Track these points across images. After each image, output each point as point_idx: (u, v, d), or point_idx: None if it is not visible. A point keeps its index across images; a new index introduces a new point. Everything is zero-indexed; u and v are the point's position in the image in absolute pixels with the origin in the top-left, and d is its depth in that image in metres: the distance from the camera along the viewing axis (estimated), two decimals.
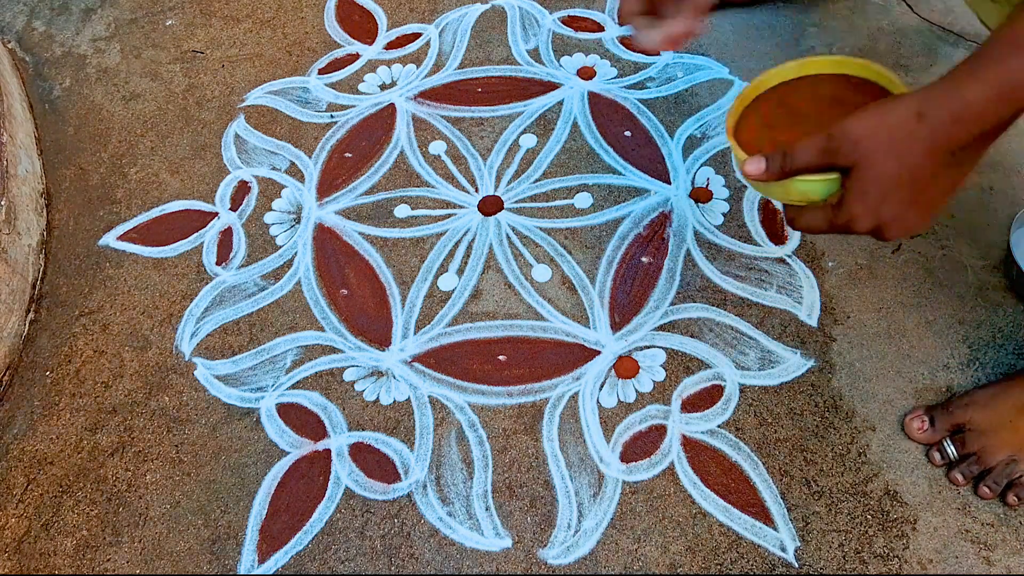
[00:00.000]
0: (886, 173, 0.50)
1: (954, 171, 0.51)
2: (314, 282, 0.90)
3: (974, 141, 0.49)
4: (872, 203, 0.51)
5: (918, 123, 0.49)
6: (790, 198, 0.57)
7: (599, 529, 0.71)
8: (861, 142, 0.50)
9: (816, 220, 0.55)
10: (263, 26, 1.17)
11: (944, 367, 0.78)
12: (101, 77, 1.14)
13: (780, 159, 0.54)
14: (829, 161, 0.52)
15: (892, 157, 0.49)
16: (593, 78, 1.05)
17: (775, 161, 0.55)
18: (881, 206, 0.51)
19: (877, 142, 0.50)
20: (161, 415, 0.82)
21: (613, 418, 0.77)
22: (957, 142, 0.49)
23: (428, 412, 0.79)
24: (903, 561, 0.68)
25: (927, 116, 0.48)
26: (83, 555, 0.75)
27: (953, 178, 0.51)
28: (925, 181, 0.50)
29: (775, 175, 0.55)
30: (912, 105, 0.49)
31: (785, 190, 0.56)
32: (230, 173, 1.01)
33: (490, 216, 0.93)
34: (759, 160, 0.55)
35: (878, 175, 0.50)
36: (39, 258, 0.95)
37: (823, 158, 0.52)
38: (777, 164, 0.54)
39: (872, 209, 0.52)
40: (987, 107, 0.47)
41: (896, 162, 0.49)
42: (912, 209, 0.52)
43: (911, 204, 0.51)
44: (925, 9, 1.05)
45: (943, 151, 0.49)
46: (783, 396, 0.77)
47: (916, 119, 0.49)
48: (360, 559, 0.72)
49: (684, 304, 0.84)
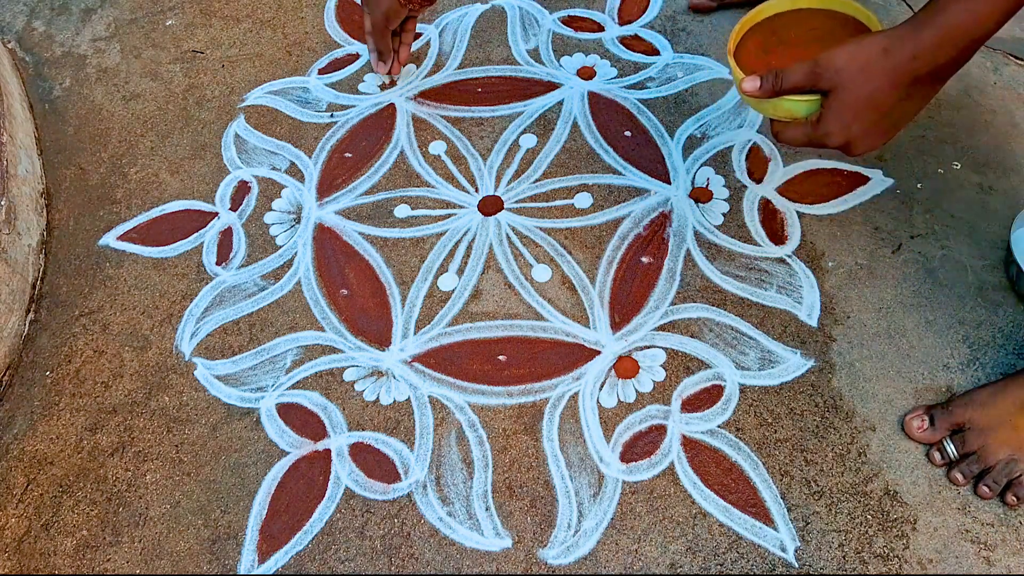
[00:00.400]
0: (858, 97, 0.60)
1: (910, 102, 0.61)
2: (314, 282, 0.90)
3: (927, 77, 0.59)
4: (845, 122, 0.62)
5: (885, 57, 0.59)
6: (777, 114, 0.68)
7: (599, 529, 0.71)
8: (840, 70, 0.60)
9: (797, 134, 0.67)
10: (263, 26, 1.17)
11: (944, 367, 0.78)
12: (101, 77, 1.14)
13: (772, 79, 0.64)
14: (813, 84, 0.62)
15: (863, 83, 0.60)
16: (593, 78, 1.05)
17: (768, 81, 0.65)
18: (851, 125, 0.62)
19: (852, 71, 0.60)
20: (161, 415, 0.82)
21: (613, 418, 0.77)
22: (914, 75, 0.59)
23: (428, 412, 0.79)
24: (903, 561, 0.68)
25: (892, 52, 0.59)
26: (83, 555, 0.75)
27: (910, 108, 0.62)
28: (888, 106, 0.61)
29: (768, 93, 0.65)
30: (881, 42, 0.59)
31: (774, 107, 0.67)
32: (230, 173, 1.01)
33: (490, 216, 0.93)
34: (755, 79, 0.65)
35: (852, 98, 0.61)
36: (39, 258, 0.95)
37: (808, 80, 0.62)
38: (770, 83, 0.65)
39: (844, 127, 0.62)
40: (936, 48, 0.58)
41: (866, 87, 0.60)
42: (875, 129, 0.63)
43: (874, 125, 0.62)
44: None
45: (903, 82, 0.59)
46: (783, 396, 0.77)
47: (883, 54, 0.59)
48: (360, 559, 0.72)
49: (684, 304, 0.84)
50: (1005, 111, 0.95)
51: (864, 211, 0.89)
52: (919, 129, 0.94)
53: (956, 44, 0.58)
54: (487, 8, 1.15)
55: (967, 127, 0.94)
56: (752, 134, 0.96)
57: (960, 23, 0.57)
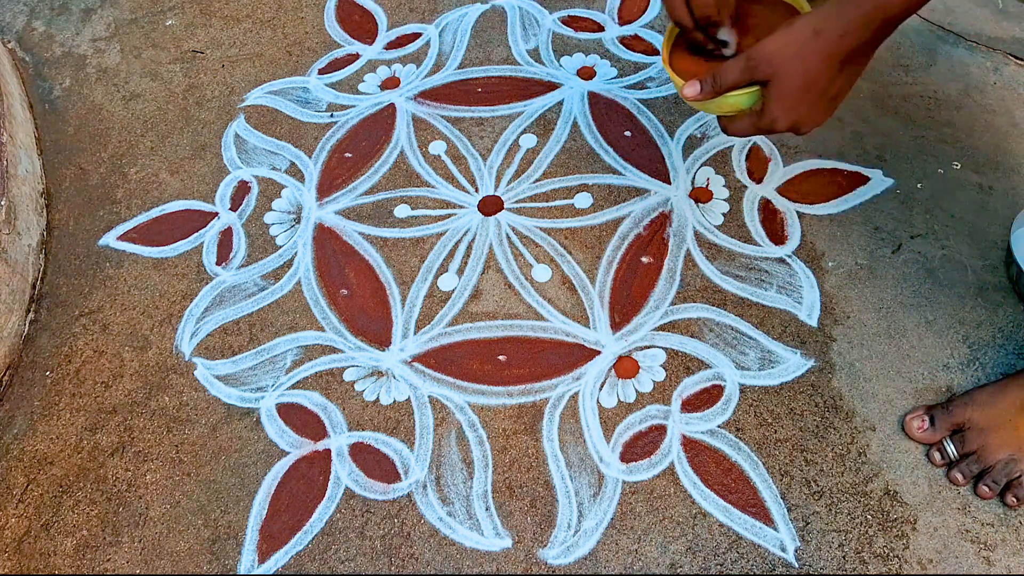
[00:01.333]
0: (795, 80, 0.62)
1: (844, 76, 0.63)
2: (314, 282, 0.90)
3: (857, 52, 0.61)
4: (787, 105, 0.63)
5: (816, 39, 0.60)
6: (723, 111, 0.69)
7: (599, 529, 0.71)
8: (773, 59, 0.62)
9: (744, 125, 0.67)
10: (263, 26, 1.17)
11: (944, 367, 0.78)
12: (101, 77, 1.14)
13: (711, 81, 0.66)
14: (750, 78, 0.63)
15: (798, 67, 0.61)
16: (593, 78, 1.05)
17: (707, 84, 0.66)
18: (794, 108, 0.63)
19: (786, 57, 0.61)
20: (161, 415, 0.82)
21: (613, 418, 0.77)
22: (845, 51, 0.60)
23: (428, 412, 0.79)
24: (903, 561, 0.68)
25: (821, 33, 0.60)
26: (83, 555, 0.75)
27: (847, 79, 0.64)
28: (825, 84, 0.62)
29: (709, 95, 0.66)
30: (810, 24, 0.61)
31: (718, 105, 0.68)
32: (230, 173, 1.01)
33: (490, 216, 0.93)
34: (694, 84, 0.67)
35: (790, 83, 0.62)
36: (39, 258, 0.95)
37: (745, 75, 0.64)
38: (709, 86, 0.66)
39: (788, 111, 0.64)
40: (862, 26, 0.59)
41: (801, 70, 0.61)
42: (817, 107, 0.64)
43: (816, 103, 0.64)
44: (925, 9, 1.05)
45: (835, 60, 0.61)
46: (783, 396, 0.77)
47: (814, 36, 0.60)
48: (360, 559, 0.72)
49: (684, 304, 0.84)
50: (1005, 111, 0.95)
51: (864, 211, 0.89)
52: (919, 129, 0.94)
53: (883, 19, 0.59)
54: (487, 8, 1.15)
55: (967, 127, 0.94)
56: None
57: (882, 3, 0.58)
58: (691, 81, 0.67)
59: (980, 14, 1.05)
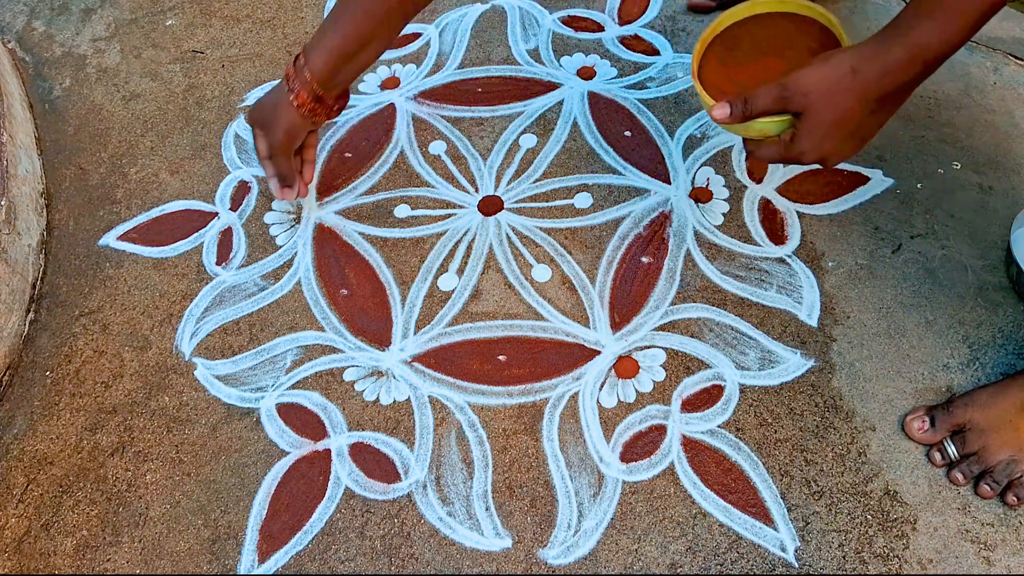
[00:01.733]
0: (829, 117, 0.62)
1: (879, 114, 0.63)
2: (314, 282, 0.90)
3: (894, 92, 0.61)
4: (817, 141, 0.63)
5: (853, 77, 0.60)
6: (750, 134, 0.68)
7: (599, 529, 0.71)
8: (809, 93, 0.61)
9: (771, 153, 0.67)
10: (263, 26, 1.17)
11: (944, 367, 0.78)
12: (101, 77, 1.14)
13: (742, 105, 0.65)
14: (782, 107, 0.63)
15: (833, 104, 0.61)
16: (593, 78, 1.05)
17: (737, 107, 0.65)
18: (824, 143, 0.63)
19: (821, 92, 0.61)
20: (161, 415, 0.82)
21: (613, 418, 0.77)
22: (882, 92, 0.60)
23: (428, 412, 0.79)
24: (903, 561, 0.68)
25: (859, 72, 0.60)
26: (83, 555, 0.75)
27: (879, 119, 0.64)
28: (857, 122, 0.62)
29: (737, 119, 0.65)
30: (849, 61, 0.60)
31: (745, 128, 0.67)
32: (230, 173, 1.01)
33: (490, 216, 0.93)
34: (724, 107, 0.66)
35: (823, 119, 0.62)
36: (39, 258, 0.95)
37: (777, 105, 0.63)
38: (739, 110, 0.65)
39: (817, 145, 0.64)
40: (903, 67, 0.59)
41: (836, 108, 0.61)
42: (847, 143, 0.64)
43: (846, 140, 0.64)
44: None
45: (871, 99, 0.61)
46: (783, 396, 0.77)
47: (852, 74, 0.60)
48: (360, 559, 0.72)
49: (684, 304, 0.84)
50: (1005, 111, 0.95)
51: (864, 211, 0.89)
52: (919, 129, 0.94)
53: (924, 61, 0.58)
54: (487, 8, 1.15)
55: (967, 127, 0.94)
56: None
57: (929, 41, 0.57)
58: (721, 103, 0.66)
59: None
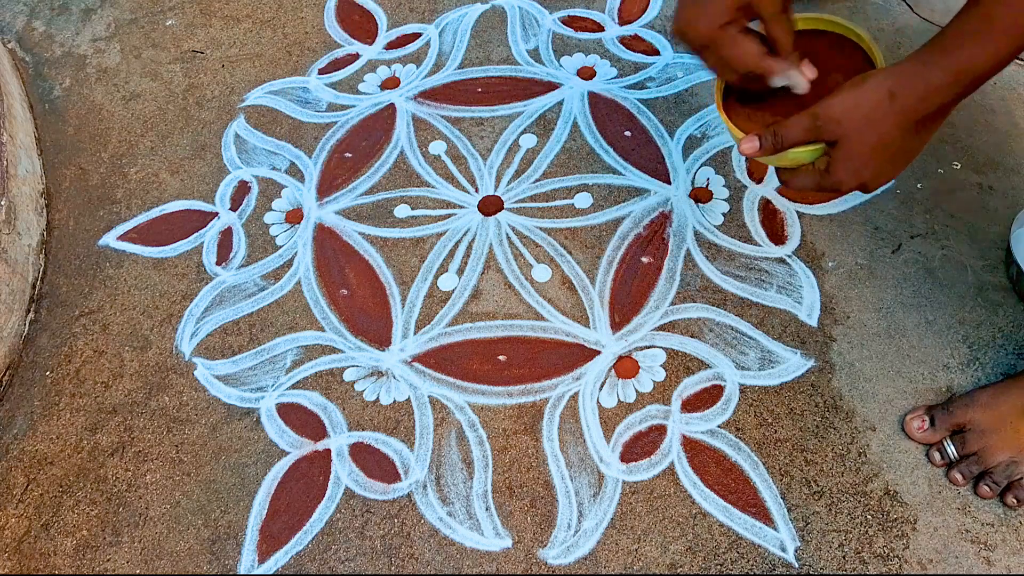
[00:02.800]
0: (865, 145, 0.58)
1: (919, 136, 0.60)
2: (314, 282, 0.90)
3: (935, 114, 0.58)
4: (855, 168, 0.60)
5: (890, 102, 0.57)
6: (782, 164, 0.65)
7: (599, 529, 0.71)
8: (843, 121, 0.58)
9: (807, 182, 0.64)
10: (263, 26, 1.17)
11: (944, 367, 0.78)
12: (101, 77, 1.14)
13: (772, 138, 0.61)
14: (815, 137, 0.60)
15: (869, 131, 0.58)
16: (593, 78, 1.05)
17: (767, 140, 0.62)
18: (862, 170, 0.60)
19: (856, 120, 0.58)
20: (161, 415, 0.82)
21: (613, 418, 0.77)
22: (922, 115, 0.57)
23: (428, 412, 0.79)
24: (903, 561, 0.68)
25: (898, 96, 0.56)
26: (83, 555, 0.75)
27: (922, 139, 0.61)
28: (896, 147, 0.59)
29: (768, 152, 0.62)
30: (885, 85, 0.57)
31: (778, 157, 0.64)
32: (230, 173, 1.01)
33: (490, 216, 0.93)
34: (753, 140, 0.62)
35: (859, 147, 0.59)
36: (39, 258, 0.95)
37: (810, 135, 0.60)
38: (769, 143, 0.62)
39: (855, 173, 0.61)
40: (946, 88, 0.56)
41: (873, 135, 0.58)
42: (887, 168, 0.61)
43: (886, 164, 0.61)
44: (925, 9, 1.05)
45: (911, 123, 0.58)
46: (783, 396, 0.77)
47: (889, 98, 0.57)
48: (360, 559, 0.72)
49: (684, 304, 0.84)
50: (1005, 111, 0.95)
51: (864, 211, 0.89)
52: None
53: (965, 82, 0.55)
54: (487, 8, 1.15)
55: (967, 127, 0.94)
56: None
57: (972, 64, 0.54)
58: (750, 136, 0.62)
59: None
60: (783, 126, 0.61)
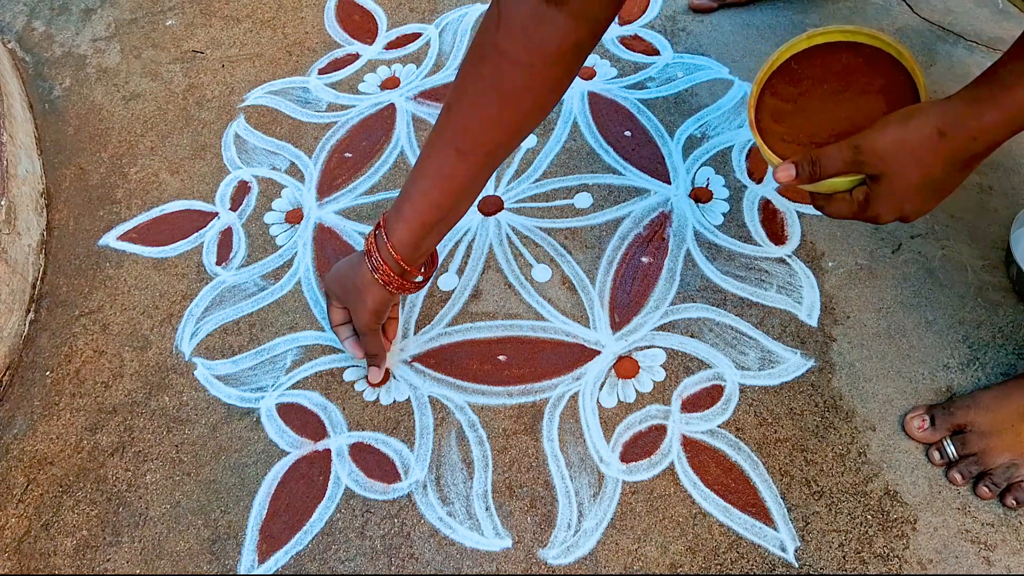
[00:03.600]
0: (910, 182, 0.57)
1: (964, 172, 0.58)
2: (314, 282, 0.90)
3: (984, 152, 0.56)
4: (897, 203, 0.59)
5: (939, 141, 0.55)
6: (818, 189, 0.62)
7: (599, 529, 0.71)
8: (887, 157, 0.56)
9: (844, 211, 0.62)
10: (263, 26, 1.17)
11: (944, 367, 0.78)
12: (101, 77, 1.14)
13: (809, 168, 0.59)
14: (856, 170, 0.58)
15: (915, 169, 0.56)
16: (593, 78, 1.05)
17: (804, 169, 0.60)
18: (904, 204, 0.59)
19: (902, 157, 0.56)
20: (161, 415, 0.82)
21: (613, 418, 0.77)
22: (972, 154, 0.55)
23: (428, 412, 0.79)
24: (903, 561, 0.68)
25: (948, 135, 0.54)
26: (83, 555, 0.75)
27: (963, 176, 0.59)
28: (942, 183, 0.58)
29: (805, 182, 0.60)
30: (933, 123, 0.55)
31: (814, 184, 0.61)
32: (230, 173, 1.01)
33: (490, 216, 0.93)
34: (789, 168, 0.60)
35: (903, 184, 0.57)
36: (39, 258, 0.95)
37: (851, 168, 0.58)
38: (807, 172, 0.60)
39: (896, 207, 0.59)
40: (999, 127, 0.53)
41: (918, 173, 0.56)
42: (928, 202, 0.60)
43: (928, 200, 0.59)
44: (925, 9, 1.05)
45: (959, 162, 0.56)
46: (783, 396, 0.77)
47: (938, 137, 0.55)
48: (360, 559, 0.72)
49: (684, 304, 0.84)
50: None
51: None
52: None
53: (1021, 120, 0.53)
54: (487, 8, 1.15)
55: None
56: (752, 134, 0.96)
57: None
58: (786, 164, 0.60)
59: (980, 14, 1.05)
60: (823, 156, 0.59)
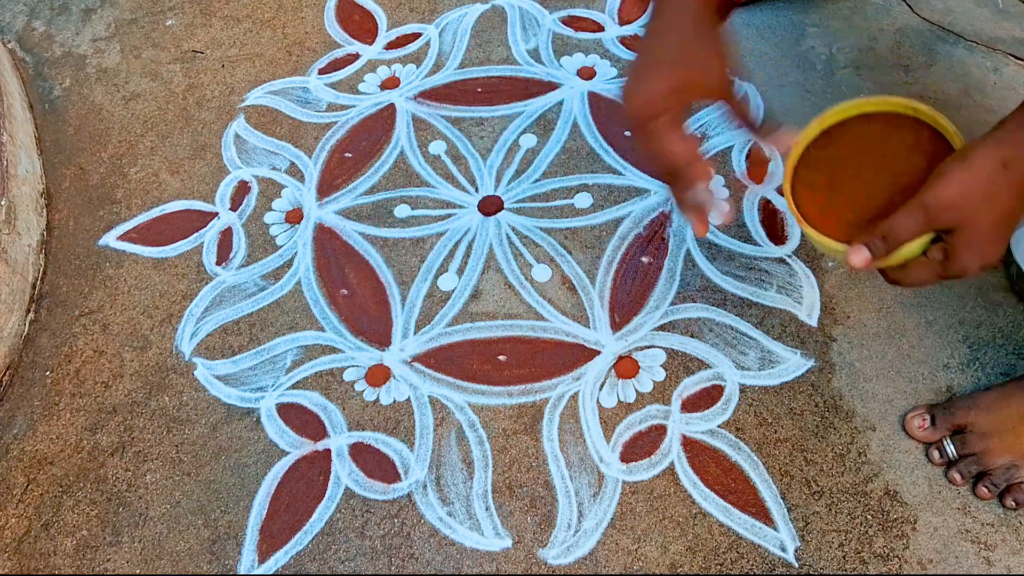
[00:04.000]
0: (987, 224, 0.54)
1: None
2: (314, 282, 0.90)
3: None
4: (979, 250, 0.55)
5: (1005, 172, 0.52)
6: (891, 262, 0.58)
7: (599, 529, 0.71)
8: (958, 206, 0.53)
9: (926, 276, 0.58)
10: (263, 26, 1.17)
11: (944, 367, 0.78)
12: (101, 77, 1.14)
13: (881, 244, 0.56)
14: (928, 230, 0.55)
15: (990, 209, 0.53)
16: (593, 78, 1.05)
17: (877, 247, 0.56)
18: (987, 249, 0.55)
19: (973, 201, 0.53)
20: (161, 415, 0.82)
21: (613, 418, 0.77)
22: None
23: (428, 412, 0.79)
24: (903, 561, 0.68)
25: (1011, 165, 0.52)
26: (83, 555, 0.75)
27: None
28: (1014, 214, 0.55)
29: (881, 256, 0.56)
30: (994, 155, 0.53)
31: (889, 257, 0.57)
32: (230, 173, 1.01)
33: (490, 216, 0.93)
34: (862, 252, 0.56)
35: (981, 227, 0.54)
36: (39, 258, 0.95)
37: (924, 228, 0.54)
38: (881, 248, 0.56)
39: (980, 255, 0.55)
40: None
41: (994, 212, 0.53)
42: (1007, 238, 0.56)
43: (1006, 235, 0.56)
44: (925, 9, 1.05)
45: None
46: (783, 396, 0.77)
47: (1002, 169, 0.52)
48: (360, 559, 0.72)
49: (684, 304, 0.84)
50: (1005, 111, 0.94)
51: None
52: None
53: None
54: (487, 8, 1.15)
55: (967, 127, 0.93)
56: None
57: None
58: (856, 247, 0.56)
59: (980, 14, 1.05)
60: (892, 226, 0.55)
